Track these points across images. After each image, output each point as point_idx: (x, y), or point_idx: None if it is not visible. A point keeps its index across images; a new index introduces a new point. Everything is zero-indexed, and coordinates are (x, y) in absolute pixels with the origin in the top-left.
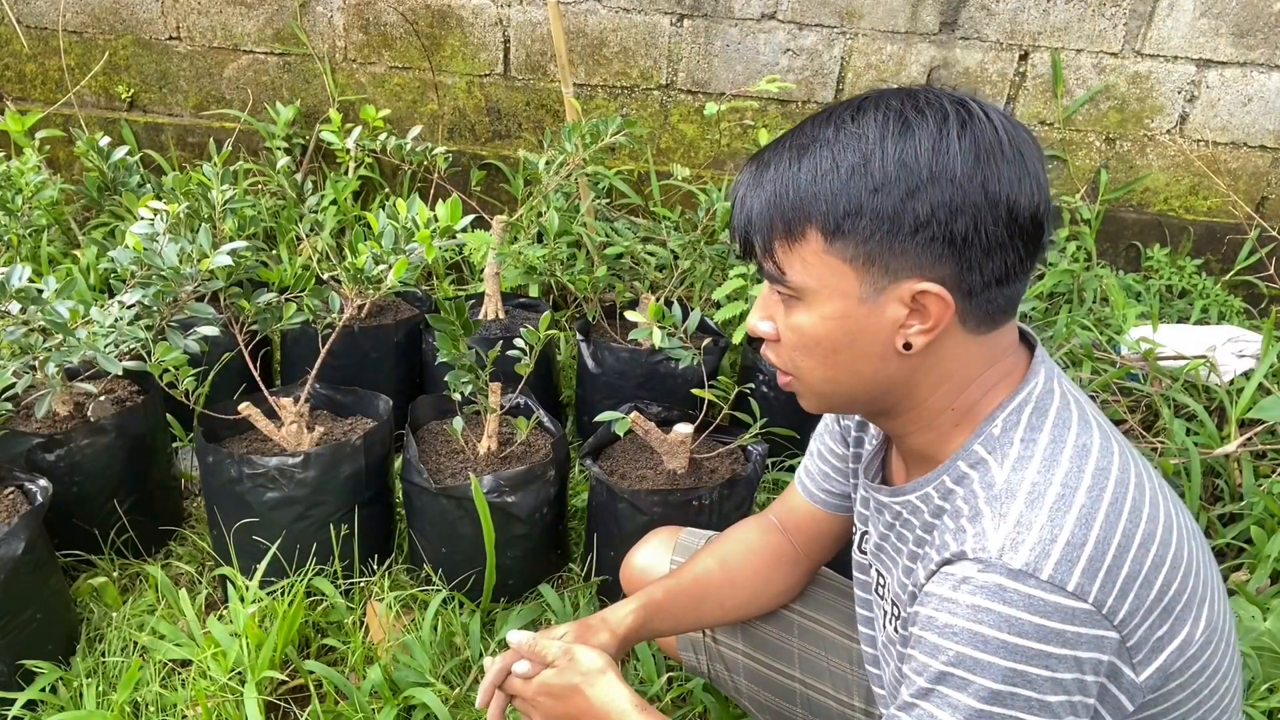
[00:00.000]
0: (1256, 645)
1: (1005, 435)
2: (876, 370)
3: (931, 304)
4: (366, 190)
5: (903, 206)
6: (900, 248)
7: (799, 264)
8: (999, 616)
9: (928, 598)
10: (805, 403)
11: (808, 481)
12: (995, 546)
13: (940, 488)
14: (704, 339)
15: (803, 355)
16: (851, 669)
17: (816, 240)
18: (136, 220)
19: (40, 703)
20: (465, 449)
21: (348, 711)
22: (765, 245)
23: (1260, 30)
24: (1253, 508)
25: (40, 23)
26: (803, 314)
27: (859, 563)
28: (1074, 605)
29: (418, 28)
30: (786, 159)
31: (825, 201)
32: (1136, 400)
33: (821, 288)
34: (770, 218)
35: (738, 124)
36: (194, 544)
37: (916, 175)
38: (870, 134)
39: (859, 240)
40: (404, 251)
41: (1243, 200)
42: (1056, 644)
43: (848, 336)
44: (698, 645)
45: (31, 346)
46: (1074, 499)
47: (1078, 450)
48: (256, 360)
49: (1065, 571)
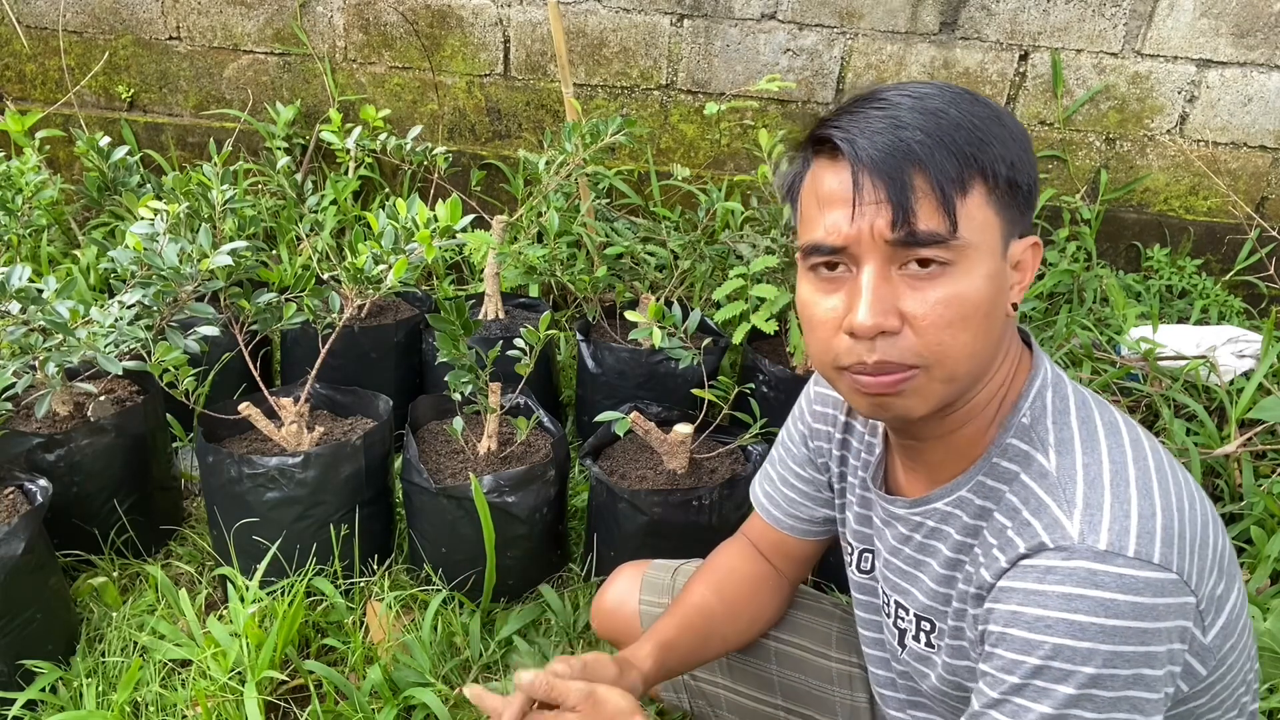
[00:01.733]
0: (1257, 645)
1: (1038, 424)
2: (999, 339)
3: (1030, 256)
4: (366, 190)
5: (1029, 161)
6: (1023, 201)
7: (965, 218)
8: (1094, 601)
9: (1008, 593)
10: (919, 404)
11: (773, 510)
12: (1075, 532)
13: (979, 489)
14: (704, 339)
15: (954, 330)
16: (832, 689)
17: (981, 191)
18: (136, 220)
19: (40, 703)
20: (465, 449)
21: (348, 711)
22: (940, 195)
23: (1260, 30)
24: (1253, 508)
25: (40, 23)
26: (961, 279)
27: (859, 583)
28: (1162, 577)
29: (418, 28)
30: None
31: (992, 147)
32: (1136, 400)
33: (981, 243)
34: (941, 163)
35: (738, 124)
36: (194, 544)
37: (1025, 133)
38: (966, 94)
39: (1007, 192)
40: (404, 251)
41: (1243, 200)
42: (1150, 619)
43: (996, 298)
44: (677, 685)
45: (31, 346)
46: (1127, 472)
47: (1109, 426)
48: (256, 360)
49: (1148, 544)
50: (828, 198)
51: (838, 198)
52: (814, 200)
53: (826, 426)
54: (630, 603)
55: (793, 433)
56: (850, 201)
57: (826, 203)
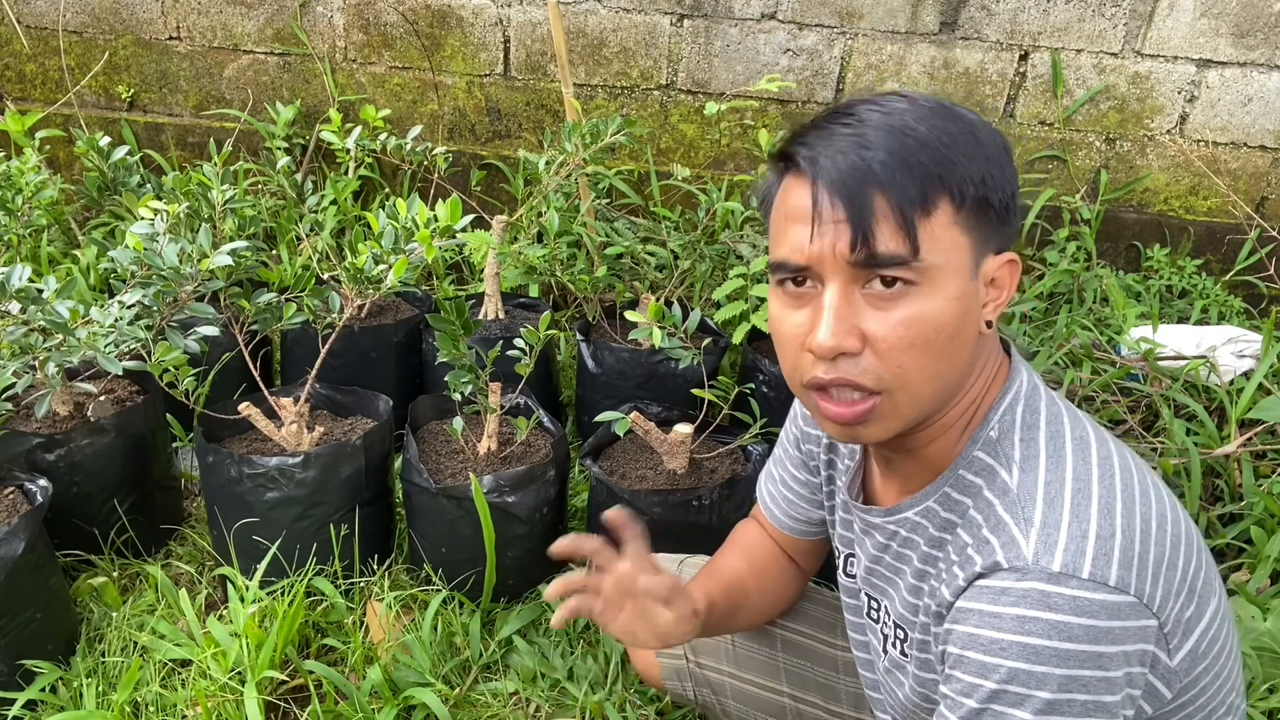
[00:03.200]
0: (1257, 645)
1: (1005, 438)
2: (966, 360)
3: (1006, 274)
4: (366, 190)
5: (1001, 176)
6: (995, 219)
7: (930, 238)
8: (1047, 624)
9: (965, 614)
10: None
11: (776, 511)
12: (1029, 552)
13: (944, 500)
14: (704, 339)
15: (915, 353)
16: (838, 677)
17: (947, 211)
18: (136, 220)
19: (40, 703)
20: (465, 449)
21: (348, 711)
22: (900, 217)
23: (1260, 30)
24: (1253, 508)
25: (40, 23)
26: (923, 300)
27: (846, 586)
28: (1118, 599)
29: (418, 28)
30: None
31: (959, 166)
32: (1136, 400)
33: (947, 265)
34: (903, 184)
35: (738, 124)
36: (194, 544)
37: (1003, 148)
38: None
39: (977, 211)
40: (404, 251)
41: (1243, 200)
42: (1106, 642)
43: (962, 319)
44: (682, 673)
45: (31, 346)
46: (1090, 491)
47: (1078, 442)
48: (256, 360)
49: (1103, 566)
50: (793, 214)
51: (801, 215)
52: (782, 216)
53: (816, 431)
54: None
55: (790, 434)
56: (812, 220)
57: (791, 219)
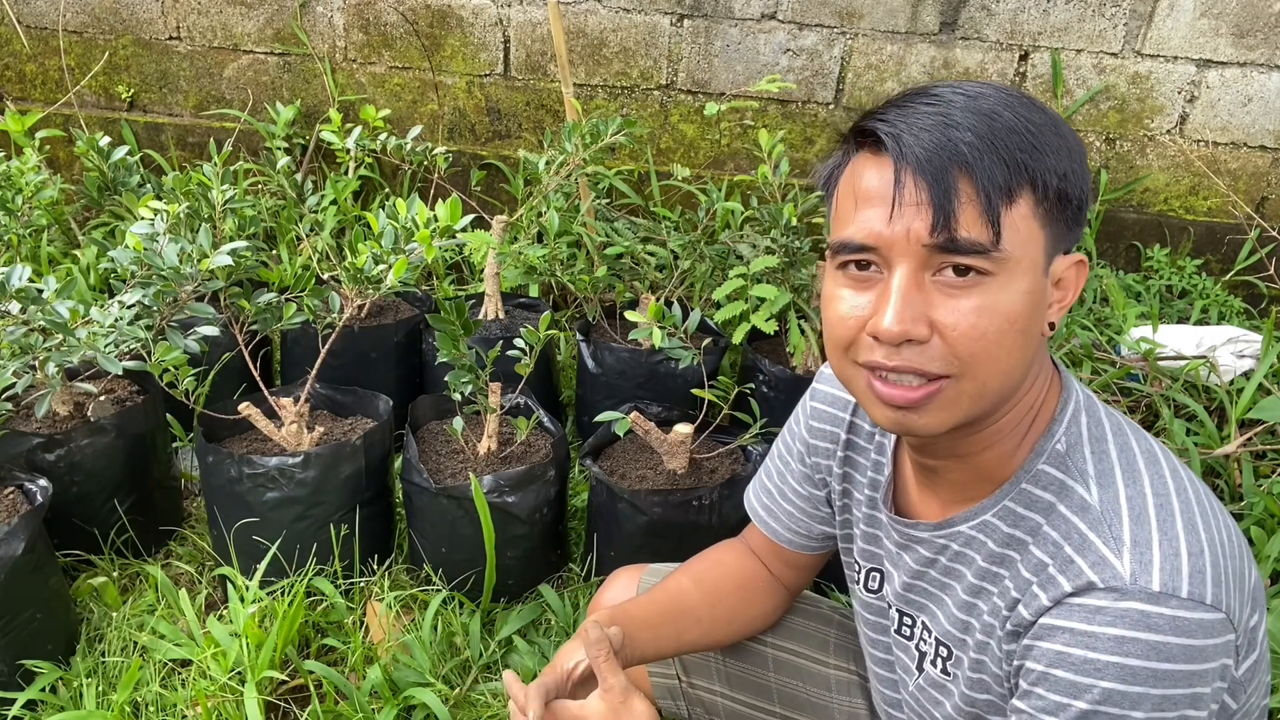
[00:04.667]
0: None
1: (1074, 451)
2: (1032, 358)
3: (1073, 275)
4: (366, 190)
5: (1081, 174)
6: (1071, 216)
7: (1010, 229)
8: (1146, 645)
9: (1052, 632)
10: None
11: (772, 523)
12: (1126, 572)
13: (1007, 515)
14: (704, 339)
15: (986, 344)
16: (832, 696)
17: (1029, 202)
18: (136, 220)
19: (40, 703)
20: (465, 449)
21: (348, 711)
22: (985, 203)
23: (1260, 30)
24: (1253, 508)
25: (40, 23)
26: (997, 292)
27: (867, 602)
28: (1213, 618)
29: (418, 28)
30: (969, 112)
31: (1046, 157)
32: (1136, 400)
33: (1023, 257)
34: (991, 170)
35: (738, 124)
36: (194, 544)
37: (1082, 148)
38: (1022, 98)
39: (1056, 205)
40: (404, 251)
41: (1243, 200)
42: (1199, 660)
43: (1032, 316)
44: (675, 692)
45: (31, 346)
46: (1172, 506)
47: (1148, 456)
48: (256, 360)
49: (1200, 584)
50: (866, 194)
51: (876, 195)
52: (851, 195)
53: (827, 444)
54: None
55: (791, 446)
56: (890, 200)
57: (864, 199)
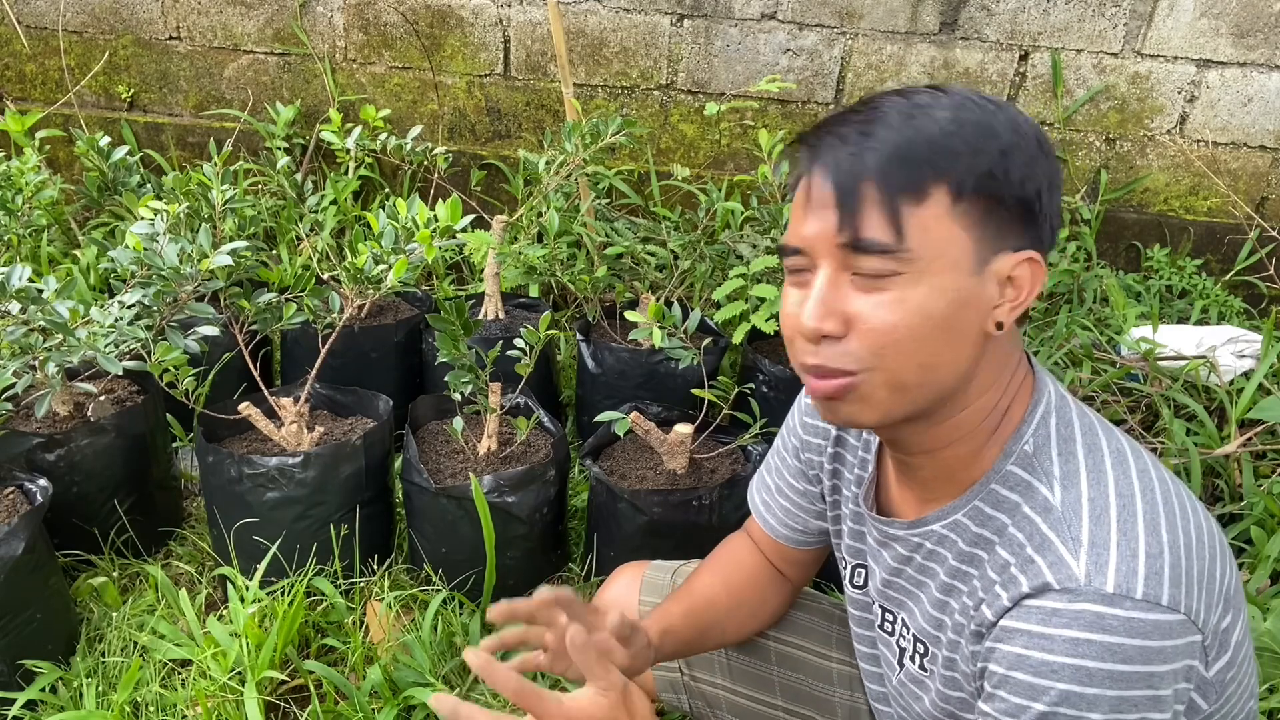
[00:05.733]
0: (1257, 645)
1: (1041, 452)
2: (969, 355)
3: (1026, 274)
4: (366, 190)
5: (1025, 172)
6: (1009, 215)
7: (918, 229)
8: (1101, 646)
9: (1011, 634)
10: (867, 411)
11: (770, 519)
12: (1081, 573)
13: (975, 514)
14: (704, 339)
15: (897, 342)
16: (833, 690)
17: (942, 202)
18: (136, 220)
19: (40, 703)
20: (465, 449)
21: (348, 711)
22: (887, 205)
23: (1260, 30)
24: (1253, 508)
25: (40, 23)
26: (908, 289)
27: (855, 599)
28: (1170, 619)
29: (418, 28)
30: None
31: (962, 158)
32: (1136, 400)
33: (937, 257)
34: (892, 173)
35: (738, 124)
36: (194, 544)
37: (1032, 142)
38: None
39: (984, 204)
40: (404, 251)
41: (1243, 200)
42: (1159, 661)
43: (956, 314)
44: (676, 685)
45: (31, 346)
46: (1135, 507)
47: (1115, 456)
48: (256, 360)
49: (1156, 585)
50: (796, 201)
51: (799, 200)
52: (794, 201)
53: (818, 439)
54: (629, 603)
55: (787, 442)
56: (806, 205)
57: (795, 206)
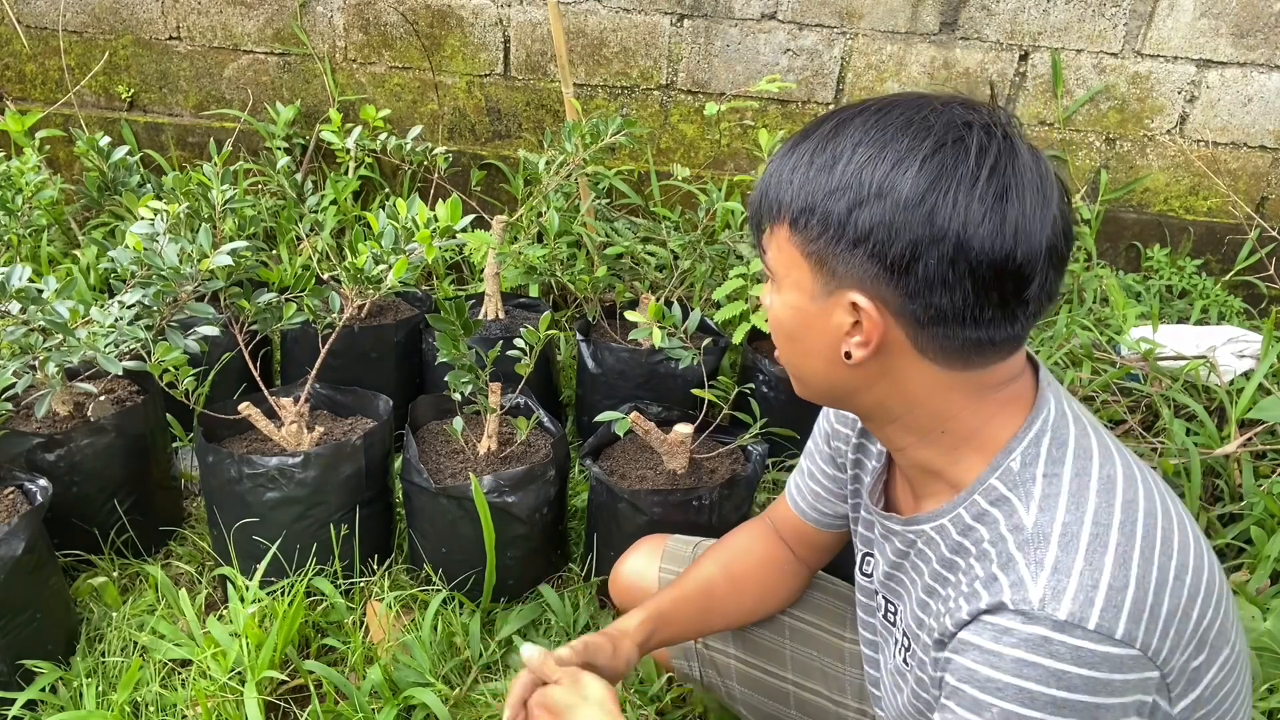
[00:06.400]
0: (1257, 645)
1: (1026, 471)
2: (829, 372)
3: (865, 319)
4: (366, 190)
5: (847, 216)
6: (845, 256)
7: (774, 248)
8: (1046, 671)
9: (965, 648)
10: (798, 388)
11: (799, 499)
12: (1036, 597)
13: (958, 522)
14: (704, 339)
15: (775, 334)
16: (844, 668)
17: (785, 229)
18: (136, 220)
19: (40, 702)
20: (465, 449)
21: (348, 711)
22: (755, 224)
23: (1260, 30)
24: (1253, 508)
25: (40, 23)
26: (774, 294)
27: (863, 586)
28: (1122, 653)
29: (418, 28)
30: (790, 145)
31: (792, 193)
32: (1136, 400)
33: (786, 275)
34: (759, 198)
35: (738, 124)
36: (194, 544)
37: (867, 187)
38: (851, 138)
39: (812, 237)
40: (404, 251)
41: (1243, 200)
42: (1104, 694)
43: (799, 328)
44: (689, 652)
45: (31, 346)
46: (1109, 538)
47: (1103, 483)
48: (256, 360)
49: (1111, 619)
50: None
51: None
52: None
53: (845, 429)
54: (650, 572)
55: (821, 428)
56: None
57: None
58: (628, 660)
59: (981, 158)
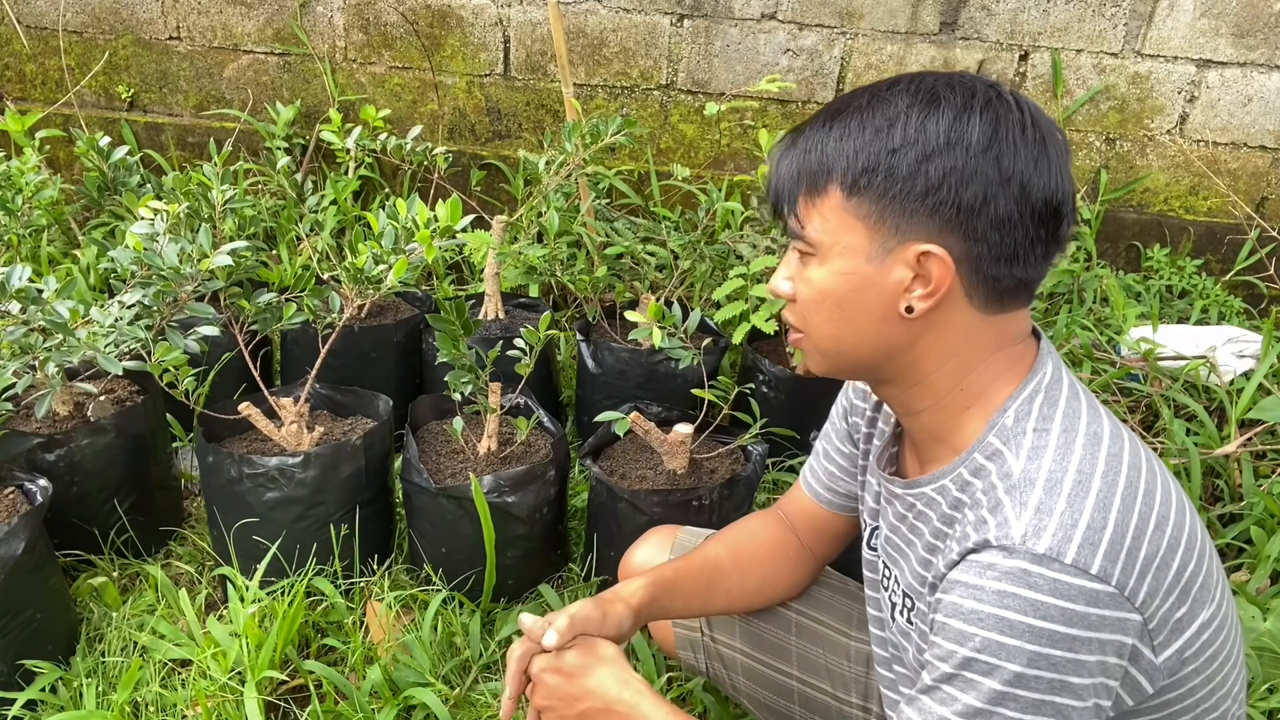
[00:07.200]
0: (1257, 645)
1: (1018, 425)
2: (879, 332)
3: (934, 267)
4: (366, 190)
5: (917, 169)
6: (911, 209)
7: (817, 219)
8: (1024, 601)
9: (953, 585)
10: (811, 362)
11: (813, 481)
12: (1018, 533)
13: (957, 480)
14: (704, 339)
15: (813, 310)
16: (849, 666)
17: (836, 196)
18: (136, 220)
19: (40, 702)
20: (465, 449)
21: (348, 711)
22: (790, 201)
23: (1260, 30)
24: (1253, 508)
25: (40, 23)
26: (815, 269)
27: (868, 560)
28: (1097, 588)
29: (418, 28)
30: (820, 123)
31: (846, 158)
32: (1136, 400)
33: (834, 243)
34: (798, 173)
35: (738, 124)
36: (194, 544)
37: (934, 140)
38: (900, 102)
39: (874, 198)
40: (404, 251)
41: (1243, 200)
42: (1080, 626)
43: (853, 293)
44: (696, 644)
45: (31, 346)
46: (1090, 484)
47: (1090, 437)
48: (256, 360)
49: (1088, 555)
50: None
51: None
52: None
53: (861, 402)
54: (659, 561)
55: (839, 406)
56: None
57: None
58: (619, 624)
59: (1021, 110)
